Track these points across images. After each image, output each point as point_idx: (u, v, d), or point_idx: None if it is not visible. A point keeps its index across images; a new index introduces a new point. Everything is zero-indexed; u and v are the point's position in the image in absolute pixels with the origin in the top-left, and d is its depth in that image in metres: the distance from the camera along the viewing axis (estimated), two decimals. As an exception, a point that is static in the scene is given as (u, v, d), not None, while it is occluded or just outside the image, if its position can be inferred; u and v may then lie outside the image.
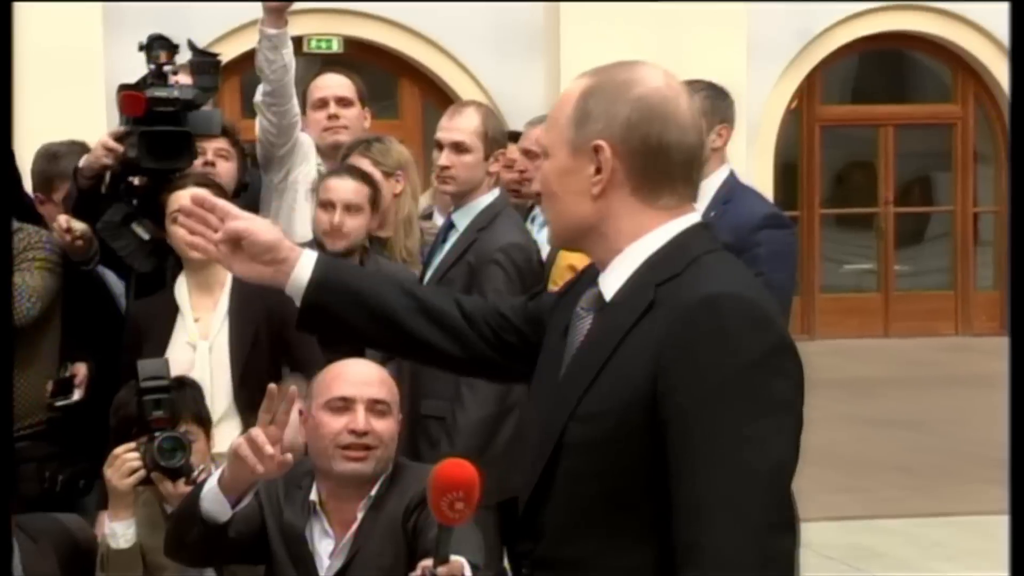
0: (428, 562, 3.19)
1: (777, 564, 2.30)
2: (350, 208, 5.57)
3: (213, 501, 4.08)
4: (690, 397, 2.34)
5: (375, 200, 5.66)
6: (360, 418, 4.35)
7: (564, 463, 2.50)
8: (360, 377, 4.47)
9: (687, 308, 2.39)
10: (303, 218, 6.23)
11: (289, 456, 4.00)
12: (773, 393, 2.34)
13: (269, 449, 3.83)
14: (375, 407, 4.38)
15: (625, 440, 2.40)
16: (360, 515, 4.36)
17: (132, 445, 4.68)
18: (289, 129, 6.21)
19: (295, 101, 6.27)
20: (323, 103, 6.45)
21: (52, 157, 6.43)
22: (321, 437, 4.40)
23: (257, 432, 3.91)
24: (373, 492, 4.37)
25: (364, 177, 5.68)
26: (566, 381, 2.62)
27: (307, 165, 6.36)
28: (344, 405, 4.38)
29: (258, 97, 6.21)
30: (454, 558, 3.38)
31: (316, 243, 5.94)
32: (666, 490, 2.36)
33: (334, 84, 6.55)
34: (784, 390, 2.36)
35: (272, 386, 3.98)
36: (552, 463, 2.52)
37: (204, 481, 4.23)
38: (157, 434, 4.64)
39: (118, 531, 4.73)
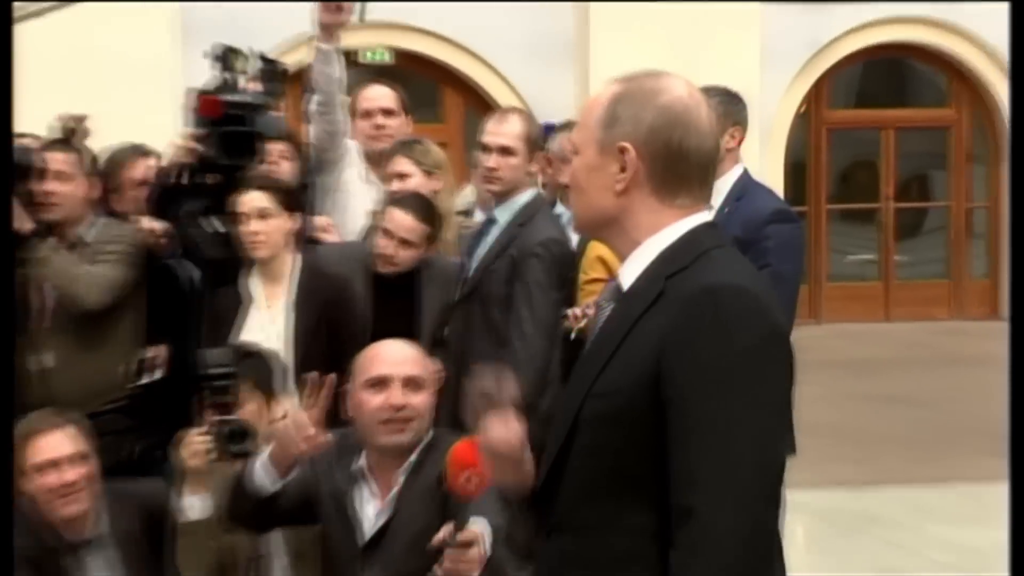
0: (449, 528, 3.22)
1: (763, 533, 2.33)
2: (405, 242, 5.57)
3: (263, 475, 4.18)
4: (689, 379, 2.36)
5: (432, 236, 5.65)
6: (397, 394, 4.39)
7: (579, 437, 2.51)
8: (395, 357, 4.51)
9: (689, 298, 2.40)
10: (354, 216, 6.26)
11: (329, 435, 4.15)
12: (765, 377, 2.36)
13: (310, 430, 3.97)
14: (410, 383, 4.43)
15: (632, 417, 2.42)
16: (401, 480, 4.41)
17: (203, 428, 4.71)
18: (338, 136, 6.23)
19: (344, 110, 6.28)
20: (369, 113, 6.43)
21: (114, 159, 6.45)
22: (363, 413, 4.44)
23: (300, 415, 4.05)
24: (412, 459, 4.42)
25: (427, 211, 5.66)
26: (586, 363, 2.64)
27: (354, 169, 6.38)
28: (382, 383, 4.42)
29: (312, 106, 6.21)
30: (472, 525, 3.41)
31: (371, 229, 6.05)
32: (667, 463, 2.38)
33: (379, 96, 6.53)
34: (775, 375, 2.39)
35: (313, 374, 4.06)
36: (570, 437, 2.53)
37: (254, 458, 4.30)
38: (226, 420, 4.68)
39: (192, 505, 4.76)
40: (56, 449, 4.74)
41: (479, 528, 3.58)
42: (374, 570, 4.34)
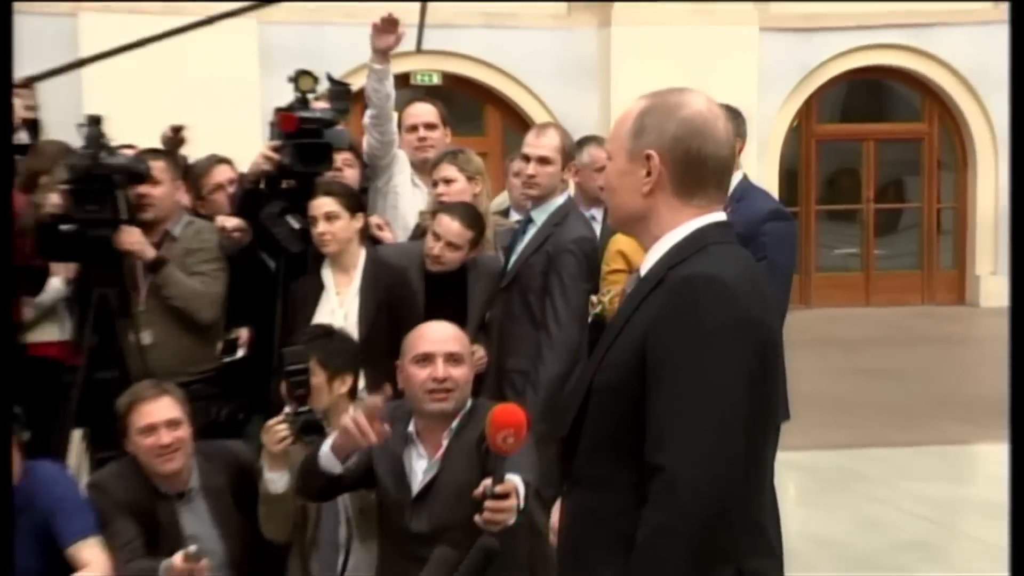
0: (488, 481, 3.27)
1: (717, 487, 2.31)
2: (451, 245, 5.57)
3: (327, 460, 4.27)
4: (662, 355, 2.39)
5: (476, 240, 5.65)
6: (440, 368, 4.42)
7: (591, 403, 2.54)
8: (438, 335, 4.54)
9: (672, 285, 2.44)
10: (403, 215, 6.27)
11: (387, 427, 4.22)
12: (729, 356, 2.36)
13: (367, 429, 4.09)
14: (451, 358, 4.44)
15: (627, 386, 2.44)
16: (445, 442, 4.44)
17: (282, 418, 4.71)
18: (389, 146, 6.23)
19: (394, 123, 6.28)
20: (414, 128, 6.43)
21: (197, 167, 6.52)
22: (411, 385, 4.48)
23: (360, 415, 4.12)
24: (455, 424, 4.45)
25: (474, 220, 5.66)
26: (601, 340, 2.68)
27: (403, 175, 6.36)
28: (427, 359, 4.45)
29: (366, 119, 6.22)
30: (508, 479, 3.45)
31: (418, 227, 6.10)
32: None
33: (422, 112, 6.51)
34: (739, 355, 2.37)
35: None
36: (584, 402, 2.56)
37: (321, 444, 4.37)
38: (301, 411, 4.68)
39: (274, 479, 4.77)
40: (155, 415, 4.78)
41: (515, 481, 3.62)
42: (422, 518, 4.36)
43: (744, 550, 2.42)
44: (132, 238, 5.50)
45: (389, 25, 5.90)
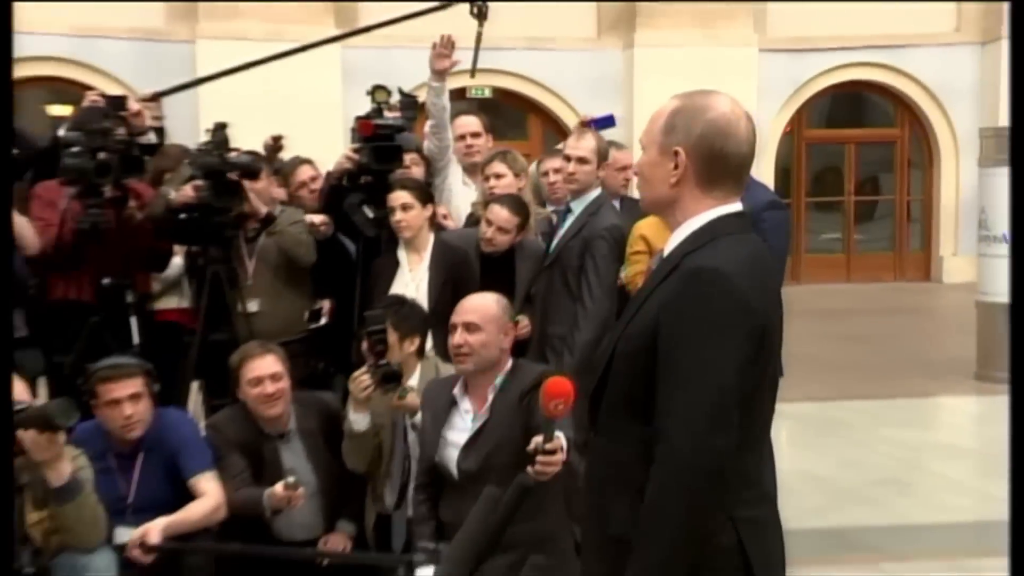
0: (539, 439, 3.28)
1: (709, 453, 2.29)
2: (502, 230, 5.55)
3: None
4: (671, 336, 2.36)
5: (522, 225, 5.62)
6: (457, 335, 4.44)
7: (613, 365, 2.52)
8: (463, 307, 4.54)
9: (683, 274, 2.40)
10: (456, 208, 6.23)
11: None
12: (726, 339, 2.32)
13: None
14: (467, 327, 4.42)
15: (642, 355, 2.41)
16: (490, 397, 4.43)
17: (365, 370, 4.71)
18: (445, 150, 6.20)
19: (450, 131, 6.24)
20: (462, 136, 6.35)
21: (286, 168, 6.52)
22: (451, 349, 4.54)
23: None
24: (498, 381, 4.44)
25: (520, 208, 5.62)
26: (625, 311, 2.66)
27: (456, 175, 6.32)
28: (453, 328, 4.47)
29: (427, 128, 6.23)
30: (557, 436, 3.46)
31: (471, 216, 6.10)
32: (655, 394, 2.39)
33: (468, 123, 6.42)
34: (735, 337, 2.33)
35: None
36: (608, 364, 2.54)
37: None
38: (381, 364, 4.67)
39: (357, 420, 4.80)
40: (261, 369, 4.82)
41: (562, 439, 3.63)
42: (469, 460, 4.36)
43: (737, 501, 2.41)
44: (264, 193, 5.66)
45: (445, 49, 5.88)
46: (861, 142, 21.01)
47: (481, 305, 4.53)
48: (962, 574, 5.70)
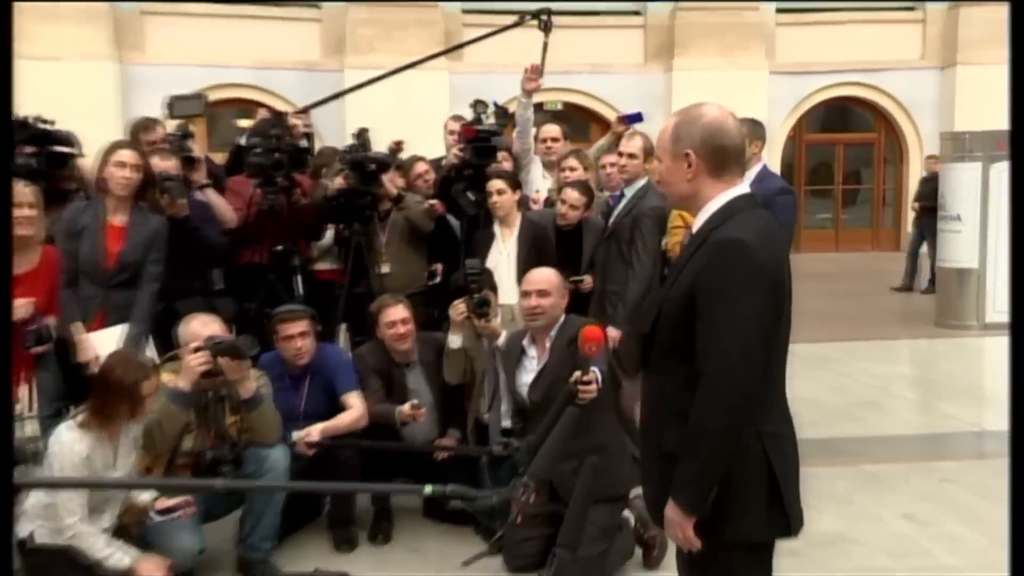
0: (578, 373, 3.27)
1: (742, 382, 2.27)
2: (573, 208, 5.49)
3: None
4: (704, 295, 2.32)
5: (588, 204, 5.57)
6: (532, 300, 4.45)
7: (659, 321, 2.48)
8: (533, 278, 4.53)
9: (711, 245, 2.35)
10: (535, 191, 6.18)
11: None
12: (748, 295, 2.28)
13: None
14: (540, 293, 4.45)
15: (682, 312, 2.37)
16: (548, 344, 4.47)
17: (462, 299, 4.77)
18: (528, 151, 6.13)
19: (531, 136, 6.18)
20: (544, 140, 6.32)
21: (404, 164, 6.40)
22: (522, 309, 4.56)
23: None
24: (553, 333, 4.48)
25: (587, 191, 5.58)
26: (667, 277, 2.63)
27: (537, 170, 6.24)
28: (526, 295, 4.48)
29: (515, 133, 6.15)
30: (592, 370, 3.45)
31: (548, 200, 6.03)
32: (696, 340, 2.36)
33: (550, 130, 6.40)
34: (755, 294, 2.29)
35: None
36: (656, 317, 2.50)
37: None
38: (475, 295, 4.75)
39: (453, 340, 4.84)
40: (394, 315, 4.85)
41: (596, 372, 3.63)
42: (536, 392, 4.39)
43: (763, 419, 2.37)
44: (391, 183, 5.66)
45: (534, 74, 5.83)
46: (847, 143, 20.73)
47: (549, 276, 4.54)
48: (921, 472, 5.64)
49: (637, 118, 6.40)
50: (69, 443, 3.75)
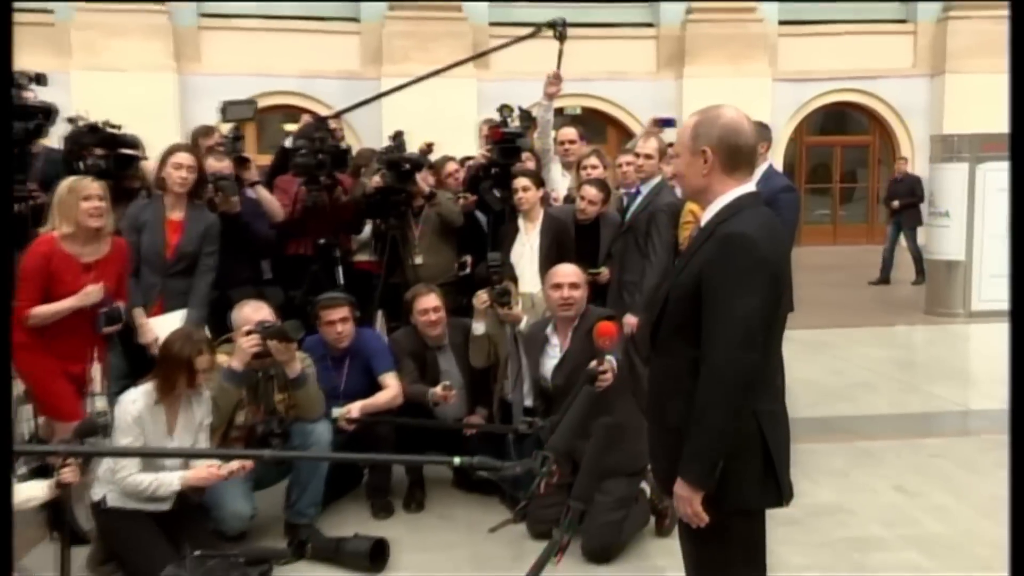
0: (595, 363, 3.26)
1: (742, 366, 2.27)
2: (592, 203, 5.43)
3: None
4: (710, 283, 2.31)
5: (606, 200, 5.52)
6: (565, 291, 4.43)
7: (667, 307, 2.47)
8: (564, 272, 4.52)
9: (717, 239, 2.34)
10: (555, 192, 6.12)
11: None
12: (750, 285, 2.27)
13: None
14: (574, 286, 4.44)
15: (688, 299, 2.36)
16: (570, 333, 4.45)
17: (485, 290, 4.76)
18: (548, 151, 6.06)
19: (551, 137, 6.12)
20: (562, 142, 6.26)
21: (436, 163, 6.37)
22: (550, 300, 4.53)
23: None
24: (576, 323, 4.45)
25: (604, 187, 5.53)
26: (676, 266, 2.62)
27: (557, 169, 6.19)
28: (558, 287, 4.46)
29: (535, 134, 6.09)
30: (607, 360, 3.44)
31: (568, 197, 5.97)
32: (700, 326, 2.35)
33: (567, 133, 6.32)
34: (757, 284, 2.28)
35: None
36: (664, 303, 2.49)
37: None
38: (496, 286, 4.73)
39: (477, 327, 4.83)
40: (427, 303, 4.84)
41: (612, 362, 3.61)
42: (558, 378, 4.39)
43: (759, 398, 2.36)
44: (424, 181, 5.65)
45: (555, 80, 5.80)
46: (844, 145, 20.53)
47: (577, 270, 4.54)
48: (911, 448, 5.60)
49: (670, 123, 6.37)
50: (127, 402, 3.83)
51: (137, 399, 3.84)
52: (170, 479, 3.81)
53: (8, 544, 2.62)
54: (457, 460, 2.26)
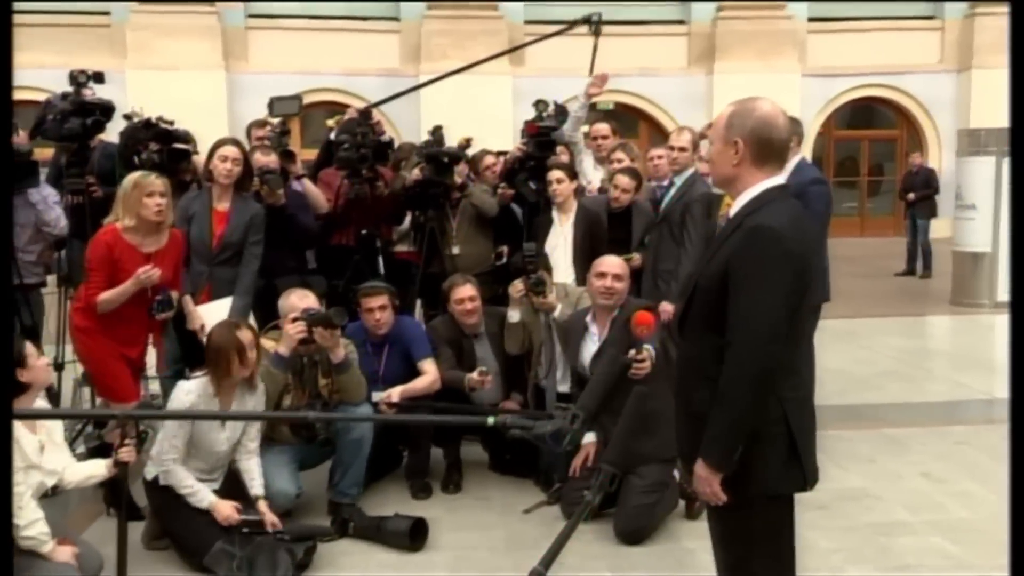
0: (633, 351, 3.24)
1: (765, 355, 2.24)
2: (625, 192, 5.39)
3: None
4: (737, 274, 2.28)
5: (638, 188, 5.48)
6: (608, 281, 4.41)
7: (696, 294, 2.44)
8: (610, 263, 4.49)
9: (744, 231, 2.31)
10: (587, 182, 6.08)
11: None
12: (775, 277, 2.24)
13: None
14: (617, 277, 4.42)
15: (715, 289, 2.34)
16: (608, 323, 4.42)
17: (521, 279, 4.74)
18: (577, 143, 6.03)
19: (582, 133, 6.11)
20: (595, 137, 6.20)
21: (474, 157, 6.29)
22: (592, 288, 4.50)
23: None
24: (615, 313, 4.41)
25: (636, 176, 5.48)
26: (704, 256, 2.59)
27: (589, 161, 6.12)
28: (602, 275, 4.43)
29: (566, 125, 6.00)
30: (645, 348, 3.42)
31: (601, 189, 5.91)
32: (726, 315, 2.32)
33: (600, 129, 6.25)
34: (782, 276, 2.25)
35: None
36: (692, 292, 2.47)
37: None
38: (531, 276, 4.71)
39: (512, 315, 4.81)
40: (463, 293, 4.84)
41: (649, 350, 3.59)
42: (599, 363, 4.36)
43: (783, 386, 2.33)
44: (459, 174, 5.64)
45: (600, 82, 5.74)
46: (872, 139, 20.32)
47: (622, 263, 4.51)
48: (937, 435, 5.54)
49: None
50: (182, 392, 3.89)
51: (191, 391, 3.88)
52: (204, 495, 3.85)
53: (8, 544, 2.67)
54: (491, 420, 2.27)
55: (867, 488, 4.62)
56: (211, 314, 4.54)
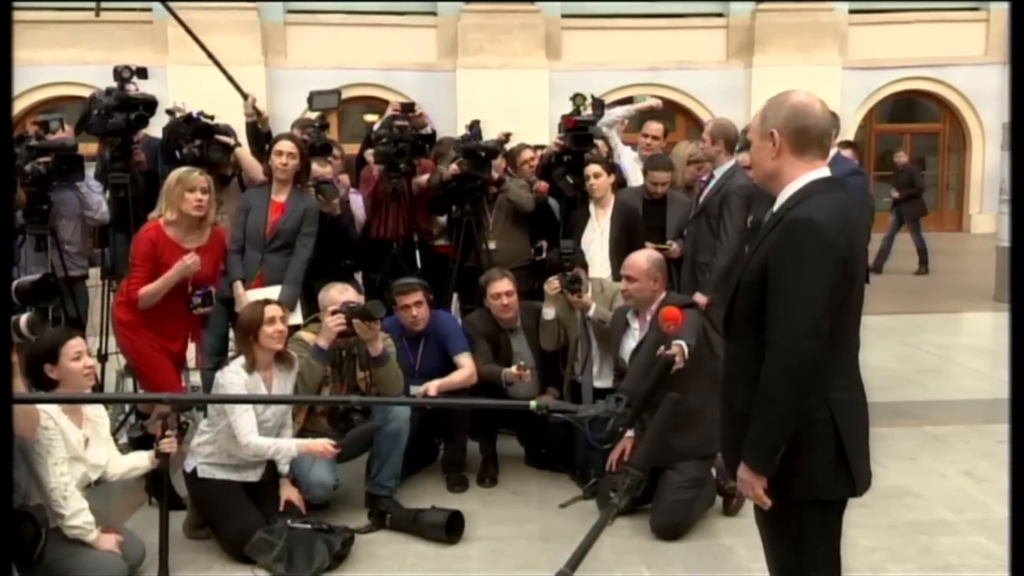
0: (663, 348, 3.22)
1: (806, 352, 2.18)
2: (663, 184, 5.39)
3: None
4: (777, 269, 2.23)
5: (673, 181, 5.46)
6: (623, 283, 4.41)
7: (739, 291, 2.39)
8: (630, 262, 4.43)
9: (785, 224, 2.25)
10: (629, 177, 6.08)
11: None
12: (816, 271, 2.18)
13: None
14: (628, 279, 4.39)
15: (758, 284, 2.28)
16: (648, 317, 4.39)
17: (556, 276, 4.74)
18: (613, 136, 6.00)
19: (615, 129, 6.07)
20: (647, 136, 6.20)
21: (511, 151, 6.22)
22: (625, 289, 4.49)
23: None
24: (653, 307, 4.37)
25: (668, 166, 5.46)
26: (747, 252, 2.54)
27: (627, 156, 6.12)
28: (627, 276, 4.40)
29: (602, 120, 6.05)
30: (676, 344, 3.41)
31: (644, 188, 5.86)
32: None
33: (653, 129, 6.25)
34: (823, 270, 2.19)
35: None
36: (736, 289, 2.42)
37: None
38: (567, 272, 4.70)
39: (547, 312, 4.81)
40: (500, 288, 4.83)
41: (681, 345, 3.58)
42: (638, 356, 4.33)
43: (830, 385, 2.27)
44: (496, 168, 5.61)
45: (654, 109, 5.75)
46: (914, 133, 19.95)
47: (635, 263, 4.42)
48: (979, 433, 5.44)
49: None
50: (231, 372, 3.97)
51: (237, 372, 3.96)
52: (288, 445, 3.95)
53: (8, 544, 2.70)
54: (533, 404, 2.29)
55: (908, 486, 4.56)
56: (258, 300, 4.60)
